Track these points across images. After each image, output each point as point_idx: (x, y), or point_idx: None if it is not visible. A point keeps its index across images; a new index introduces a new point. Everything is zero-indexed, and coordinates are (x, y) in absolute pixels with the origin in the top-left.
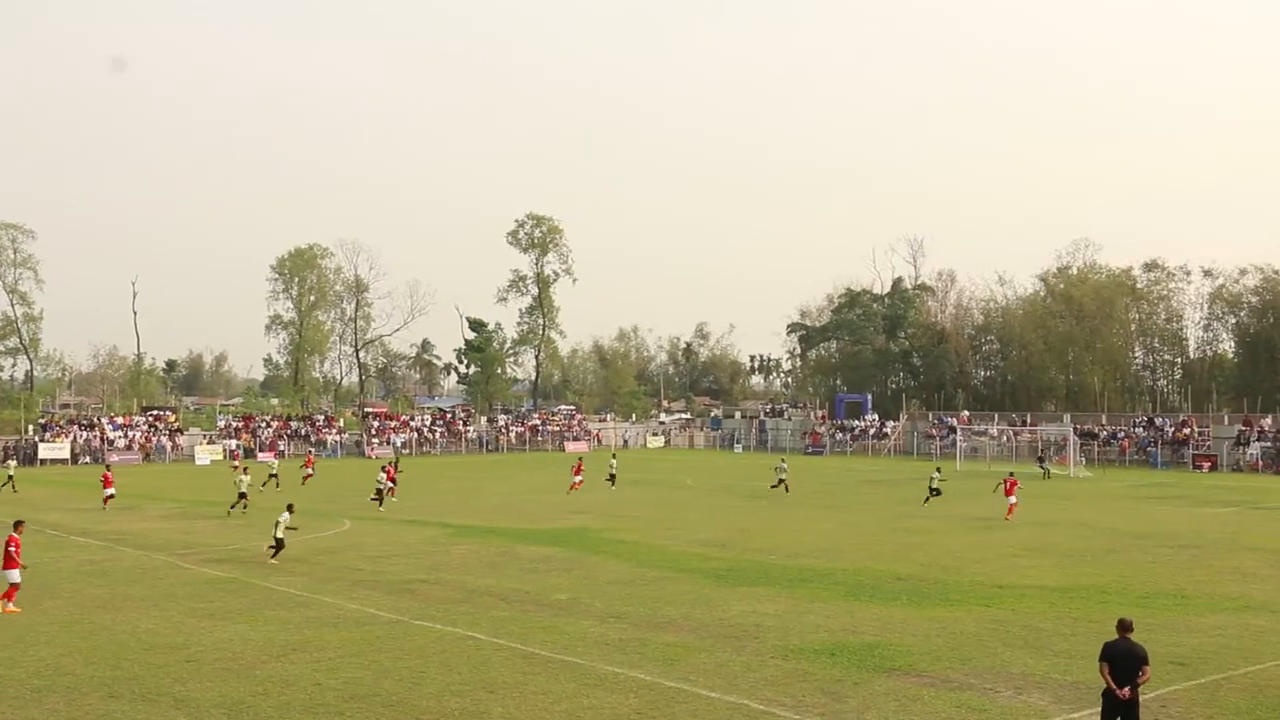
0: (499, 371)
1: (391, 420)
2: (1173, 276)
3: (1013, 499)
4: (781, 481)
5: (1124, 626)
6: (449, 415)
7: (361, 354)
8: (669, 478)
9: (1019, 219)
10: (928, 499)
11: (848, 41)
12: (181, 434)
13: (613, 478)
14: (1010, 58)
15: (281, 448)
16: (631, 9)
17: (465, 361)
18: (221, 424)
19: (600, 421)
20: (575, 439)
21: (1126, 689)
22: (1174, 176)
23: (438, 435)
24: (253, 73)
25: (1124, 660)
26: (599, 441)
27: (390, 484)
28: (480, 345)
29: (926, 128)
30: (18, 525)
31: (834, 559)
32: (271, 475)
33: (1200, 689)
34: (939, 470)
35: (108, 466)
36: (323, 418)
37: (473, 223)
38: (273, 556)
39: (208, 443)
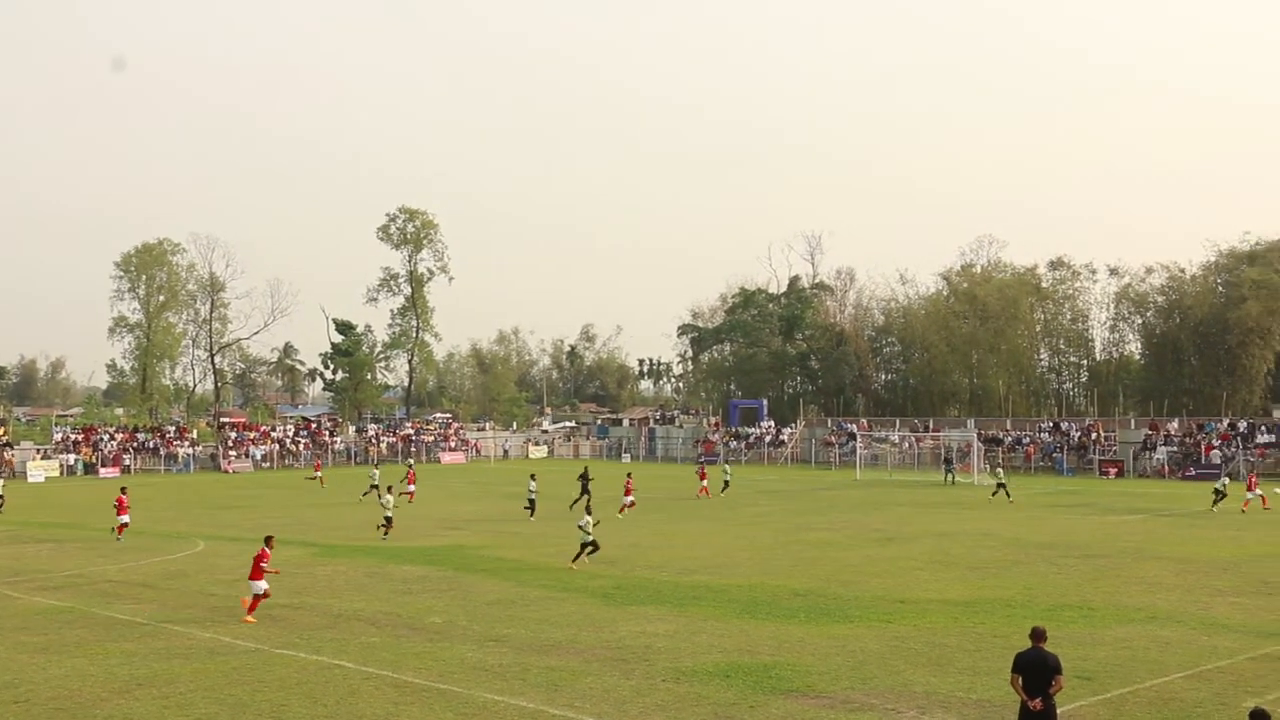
0: (369, 377)
1: (251, 431)
2: (1078, 275)
3: (1258, 491)
4: (1001, 487)
5: (1036, 635)
6: (314, 425)
7: (217, 359)
8: (553, 490)
9: (922, 214)
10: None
11: (742, 32)
12: (12, 448)
13: (726, 484)
14: (910, 52)
15: (133, 460)
16: None
17: (331, 367)
18: (58, 436)
19: (479, 430)
20: (452, 449)
21: (1038, 700)
22: (1080, 172)
23: (302, 447)
24: (97, 50)
25: (1035, 670)
26: (478, 452)
27: (629, 499)
28: (348, 349)
29: (826, 120)
30: (269, 540)
31: (728, 574)
32: (373, 486)
33: (1106, 704)
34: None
35: (123, 489)
36: (174, 429)
37: (340, 217)
38: (589, 554)
39: (42, 458)
